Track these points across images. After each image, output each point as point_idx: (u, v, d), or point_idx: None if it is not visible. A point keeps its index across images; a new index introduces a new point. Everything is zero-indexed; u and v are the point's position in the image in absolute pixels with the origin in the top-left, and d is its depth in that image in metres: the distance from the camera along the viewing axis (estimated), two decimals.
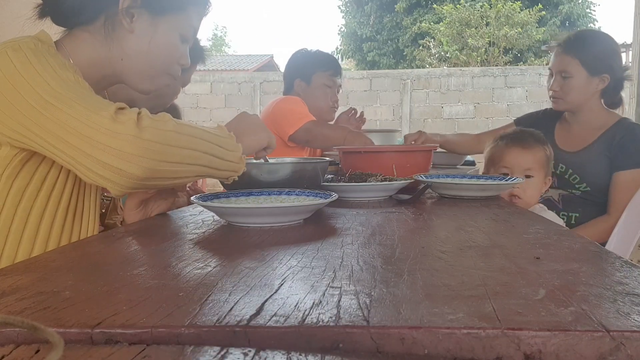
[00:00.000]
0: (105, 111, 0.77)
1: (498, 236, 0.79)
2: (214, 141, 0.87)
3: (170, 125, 0.80)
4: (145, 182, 0.79)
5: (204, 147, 0.85)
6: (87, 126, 0.76)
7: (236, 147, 0.92)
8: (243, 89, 8.76)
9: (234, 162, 0.91)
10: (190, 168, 0.83)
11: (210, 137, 0.86)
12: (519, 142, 1.54)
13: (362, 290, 0.51)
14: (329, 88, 2.32)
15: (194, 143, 0.83)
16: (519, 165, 1.51)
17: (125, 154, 0.75)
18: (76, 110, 0.77)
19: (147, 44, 0.98)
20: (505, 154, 1.54)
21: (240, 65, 16.68)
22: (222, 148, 0.88)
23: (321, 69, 2.32)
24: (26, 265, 0.64)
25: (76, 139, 0.77)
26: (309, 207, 0.92)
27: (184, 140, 0.81)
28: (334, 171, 1.49)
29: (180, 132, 0.81)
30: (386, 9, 17.14)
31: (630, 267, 0.58)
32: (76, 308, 0.47)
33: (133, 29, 0.97)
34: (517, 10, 14.10)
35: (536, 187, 1.51)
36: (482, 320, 0.42)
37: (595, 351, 0.39)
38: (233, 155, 0.91)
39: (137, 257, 0.70)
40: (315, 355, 0.39)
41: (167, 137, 0.79)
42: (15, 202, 0.88)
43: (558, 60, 1.87)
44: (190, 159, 0.82)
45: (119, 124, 0.76)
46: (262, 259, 0.65)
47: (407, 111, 8.43)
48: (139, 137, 0.75)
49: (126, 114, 0.77)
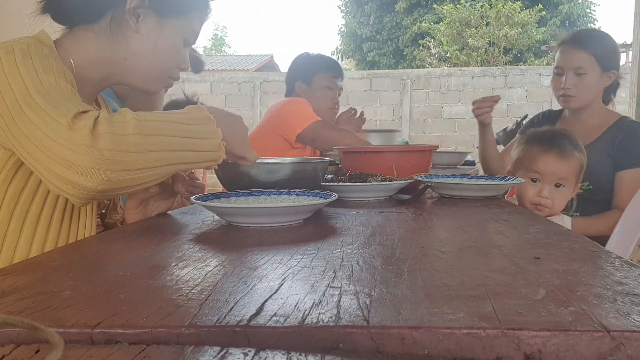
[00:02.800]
0: (65, 117, 0.73)
1: (498, 236, 0.79)
2: (186, 134, 0.82)
3: (130, 128, 0.75)
4: (105, 193, 0.77)
5: (173, 144, 0.80)
6: (47, 136, 0.74)
7: (214, 133, 0.86)
8: (243, 89, 8.76)
9: (212, 151, 0.86)
10: (157, 171, 0.80)
11: (182, 129, 0.82)
12: (557, 148, 1.40)
13: (362, 290, 0.51)
14: (329, 90, 2.33)
15: (161, 143, 0.79)
16: (552, 174, 1.39)
17: (80, 166, 0.72)
18: (41, 118, 0.75)
19: (153, 45, 0.98)
20: (538, 159, 1.41)
21: (240, 65, 16.69)
22: (196, 139, 0.83)
23: (321, 71, 2.33)
24: (26, 265, 0.64)
25: (37, 150, 0.75)
26: (309, 207, 0.92)
27: (149, 142, 0.77)
28: (334, 171, 1.49)
29: (143, 134, 0.76)
30: (386, 9, 17.14)
31: (630, 267, 0.58)
32: (76, 308, 0.47)
33: (139, 29, 0.96)
34: (517, 10, 14.11)
35: (565, 197, 1.42)
36: (482, 320, 0.42)
37: (595, 351, 0.39)
38: (210, 144, 0.86)
39: (137, 257, 0.70)
40: (315, 355, 0.39)
41: (127, 143, 0.74)
42: (12, 205, 0.88)
43: (570, 56, 1.81)
44: (156, 161, 0.78)
45: (75, 132, 0.72)
46: (262, 259, 0.65)
47: (407, 111, 8.43)
48: (93, 147, 0.72)
49: (84, 119, 0.74)
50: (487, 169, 2.08)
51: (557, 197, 1.41)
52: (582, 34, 1.87)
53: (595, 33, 1.93)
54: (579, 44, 1.81)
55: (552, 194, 1.40)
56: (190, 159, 0.84)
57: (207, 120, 0.86)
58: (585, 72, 1.79)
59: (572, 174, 1.42)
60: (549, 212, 1.42)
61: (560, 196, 1.42)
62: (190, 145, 0.83)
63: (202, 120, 0.86)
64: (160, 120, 0.80)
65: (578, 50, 1.81)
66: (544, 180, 1.41)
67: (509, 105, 8.13)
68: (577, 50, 1.81)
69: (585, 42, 1.81)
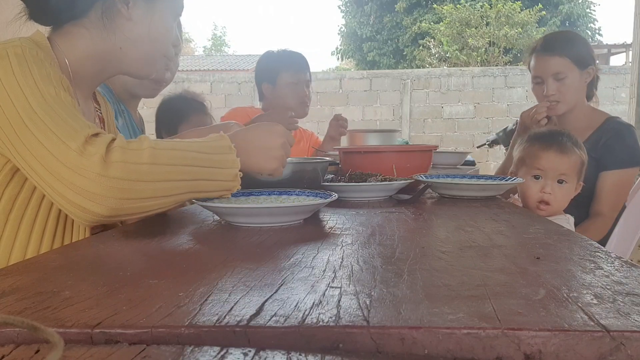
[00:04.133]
0: (75, 141, 0.73)
1: (498, 236, 0.79)
2: (202, 163, 0.81)
3: (145, 157, 0.75)
4: (111, 218, 0.77)
5: (186, 173, 0.80)
6: (55, 158, 0.74)
7: (232, 163, 0.85)
8: (243, 89, 8.76)
9: (227, 181, 0.85)
10: (168, 200, 0.79)
11: (198, 158, 0.81)
12: (557, 145, 1.43)
13: (362, 290, 0.51)
14: (295, 85, 2.30)
15: (174, 172, 0.78)
16: (554, 170, 1.42)
17: (89, 193, 0.72)
18: (47, 137, 0.75)
19: (147, 29, 0.97)
20: (540, 157, 1.44)
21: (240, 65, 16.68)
22: (212, 168, 0.83)
23: (284, 69, 2.30)
24: (26, 265, 0.64)
25: (43, 169, 0.75)
26: (309, 207, 0.92)
27: (161, 171, 0.76)
28: (334, 171, 1.49)
29: (157, 163, 0.76)
30: (386, 9, 17.14)
31: (630, 267, 0.58)
32: (76, 308, 0.47)
33: (131, 16, 0.95)
34: (517, 10, 14.10)
35: (568, 194, 1.44)
36: (482, 320, 0.42)
37: (595, 351, 0.39)
38: (226, 174, 0.85)
39: (136, 257, 0.70)
40: (315, 355, 0.39)
41: (139, 172, 0.74)
42: (7, 210, 0.87)
43: (546, 64, 1.83)
44: (167, 191, 0.78)
45: (86, 159, 0.72)
46: (262, 259, 0.65)
47: (407, 111, 8.43)
48: (104, 176, 0.72)
49: (96, 145, 0.73)
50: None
51: (559, 193, 1.42)
52: (551, 39, 1.87)
53: (564, 35, 1.95)
54: (552, 50, 1.82)
55: (554, 190, 1.41)
56: (203, 187, 0.83)
57: (227, 149, 0.85)
58: (565, 75, 1.80)
59: (573, 169, 1.44)
60: (552, 210, 1.42)
61: (563, 192, 1.43)
62: (204, 175, 0.82)
63: (222, 149, 0.85)
64: (178, 149, 0.80)
65: (552, 56, 1.82)
66: (546, 177, 1.43)
67: (509, 105, 8.13)
68: (550, 56, 1.82)
69: (556, 47, 1.82)
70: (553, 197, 1.41)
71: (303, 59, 2.38)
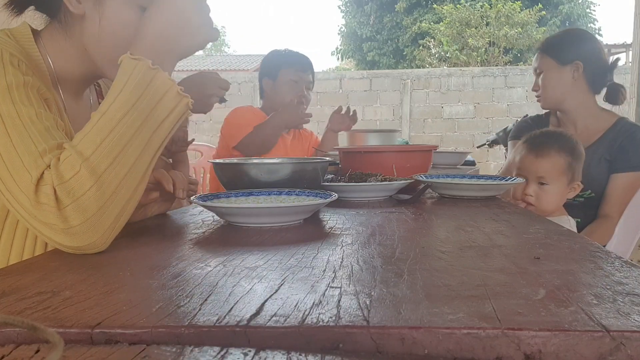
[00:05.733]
0: (29, 173, 0.68)
1: (498, 236, 0.79)
2: (138, 119, 0.71)
3: (86, 181, 0.67)
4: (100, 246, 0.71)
5: (135, 145, 0.71)
6: (15, 184, 0.69)
7: (164, 84, 0.74)
8: (243, 89, 8.75)
9: (175, 107, 0.75)
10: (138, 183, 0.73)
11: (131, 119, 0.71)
12: (533, 149, 1.51)
13: (362, 290, 0.51)
14: (294, 83, 2.30)
15: (124, 160, 0.70)
16: (532, 173, 1.49)
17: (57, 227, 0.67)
18: (9, 157, 0.70)
19: (97, 25, 0.87)
20: (521, 160, 1.53)
21: (240, 65, 16.69)
22: (152, 112, 0.72)
23: (286, 65, 2.31)
24: (26, 265, 0.64)
25: (6, 192, 0.70)
26: (309, 207, 0.92)
27: (112, 176, 0.69)
28: (334, 171, 1.49)
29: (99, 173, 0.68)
30: (386, 9, 17.15)
31: (630, 267, 0.58)
32: (76, 308, 0.47)
33: (83, 11, 0.86)
34: (517, 10, 14.11)
35: (553, 195, 1.48)
36: (482, 320, 0.42)
37: (595, 351, 0.39)
38: (168, 101, 0.74)
39: (137, 257, 0.70)
40: (315, 355, 0.39)
41: (94, 201, 0.68)
42: (2, 217, 0.86)
43: (535, 61, 1.97)
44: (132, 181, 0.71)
45: (41, 204, 0.67)
46: (262, 259, 0.65)
47: (407, 111, 8.43)
48: (66, 228, 0.67)
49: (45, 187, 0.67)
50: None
51: (542, 195, 1.48)
52: (546, 38, 1.99)
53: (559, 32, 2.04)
54: (539, 49, 1.95)
55: (536, 192, 1.47)
56: (161, 136, 0.74)
57: (147, 70, 0.73)
58: (542, 70, 1.91)
59: (554, 171, 1.48)
60: (539, 210, 1.46)
61: (546, 194, 1.48)
62: (151, 125, 0.73)
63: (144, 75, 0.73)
64: (107, 129, 0.70)
65: (539, 54, 1.95)
66: (528, 179, 1.49)
67: (509, 105, 8.13)
68: (538, 54, 1.95)
69: (543, 46, 1.94)
70: (534, 198, 1.47)
71: (307, 60, 2.39)
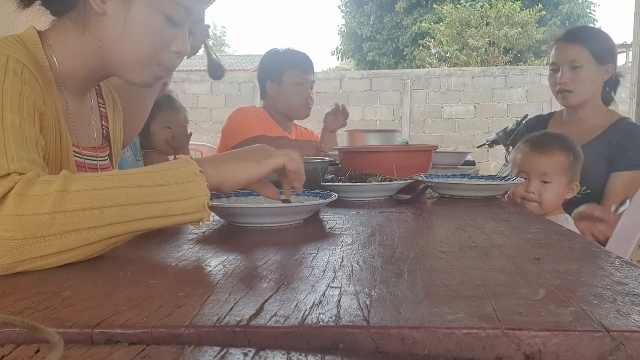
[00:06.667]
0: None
1: (498, 236, 0.79)
2: (144, 199, 0.65)
3: (46, 205, 0.60)
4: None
5: (117, 215, 0.63)
6: None
7: (195, 190, 0.68)
8: (243, 89, 8.76)
9: (190, 213, 0.68)
10: (91, 247, 0.64)
11: (140, 194, 0.65)
12: (537, 147, 1.52)
13: (362, 290, 0.51)
14: (300, 85, 2.30)
15: (93, 217, 0.62)
16: (535, 170, 1.49)
17: None
18: None
19: (121, 27, 0.86)
20: (523, 159, 1.53)
21: (240, 65, 16.68)
22: (161, 203, 0.66)
23: (290, 68, 2.30)
24: None
25: None
26: (309, 207, 0.92)
27: (70, 220, 0.61)
28: (334, 171, 1.49)
29: (63, 210, 0.60)
30: (386, 9, 17.14)
31: (630, 267, 0.58)
32: (76, 308, 0.47)
33: (105, 10, 0.86)
34: (517, 10, 14.10)
35: (555, 193, 1.49)
36: (482, 320, 0.42)
37: (595, 351, 0.39)
38: (184, 206, 0.67)
39: (136, 257, 0.70)
40: (315, 355, 0.39)
41: (36, 225, 0.59)
42: None
43: (564, 51, 1.81)
44: (84, 240, 0.62)
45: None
46: (262, 259, 0.65)
47: (407, 111, 8.43)
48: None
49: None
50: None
51: (544, 193, 1.48)
52: (575, 29, 1.88)
53: (589, 28, 1.95)
54: (572, 38, 1.81)
55: (539, 190, 1.48)
56: (154, 223, 0.67)
57: (191, 177, 0.69)
58: (581, 64, 1.78)
59: (556, 169, 1.49)
60: (538, 208, 1.47)
61: (548, 192, 1.49)
62: (154, 210, 0.66)
63: (183, 174, 0.69)
64: (104, 187, 0.64)
65: (571, 44, 1.80)
66: (530, 177, 1.50)
67: (509, 105, 8.13)
68: (570, 44, 1.81)
69: (578, 36, 1.81)
70: (536, 196, 1.47)
71: (309, 60, 2.39)
